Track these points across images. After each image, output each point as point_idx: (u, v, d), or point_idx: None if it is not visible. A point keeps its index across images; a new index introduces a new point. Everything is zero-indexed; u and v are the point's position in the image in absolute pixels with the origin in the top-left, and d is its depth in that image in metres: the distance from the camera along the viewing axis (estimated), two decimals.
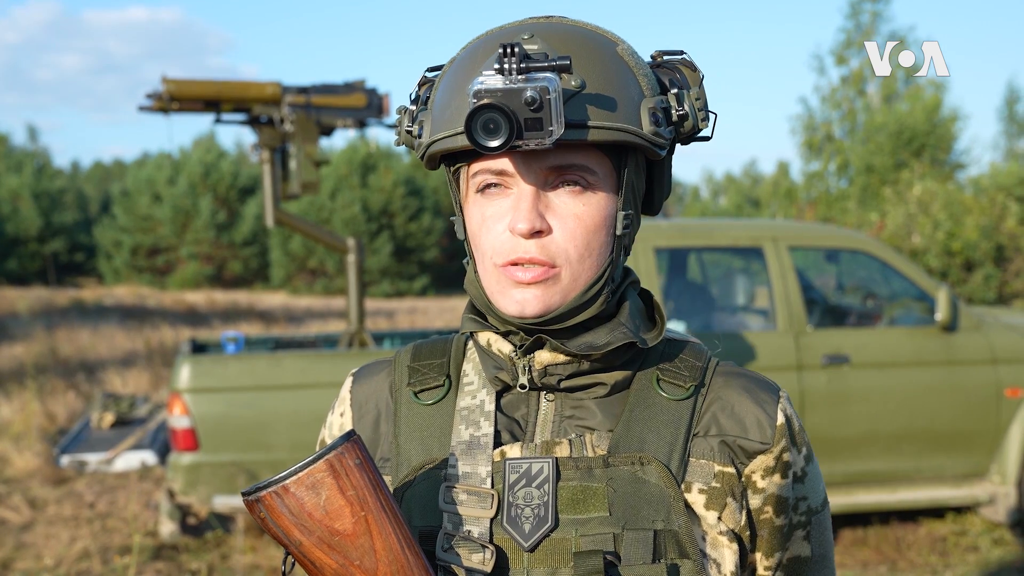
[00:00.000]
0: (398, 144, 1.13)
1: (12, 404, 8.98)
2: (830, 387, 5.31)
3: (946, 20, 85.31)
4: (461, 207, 1.08)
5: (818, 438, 5.20)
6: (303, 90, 6.01)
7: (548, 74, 0.92)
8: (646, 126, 1.00)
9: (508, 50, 0.92)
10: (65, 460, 7.21)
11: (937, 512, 5.86)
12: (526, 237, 1.00)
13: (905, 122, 22.15)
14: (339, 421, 1.19)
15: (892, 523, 5.76)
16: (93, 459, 7.20)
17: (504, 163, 1.00)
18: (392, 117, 6.30)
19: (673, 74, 1.07)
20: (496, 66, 0.92)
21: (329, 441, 1.18)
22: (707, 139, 1.09)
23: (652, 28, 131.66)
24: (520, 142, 0.93)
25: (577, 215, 1.01)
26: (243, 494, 0.92)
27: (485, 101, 0.91)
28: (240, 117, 6.14)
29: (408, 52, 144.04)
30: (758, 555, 1.11)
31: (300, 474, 0.90)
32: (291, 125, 5.90)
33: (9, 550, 5.46)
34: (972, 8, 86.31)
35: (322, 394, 4.86)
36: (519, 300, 1.02)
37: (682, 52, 1.10)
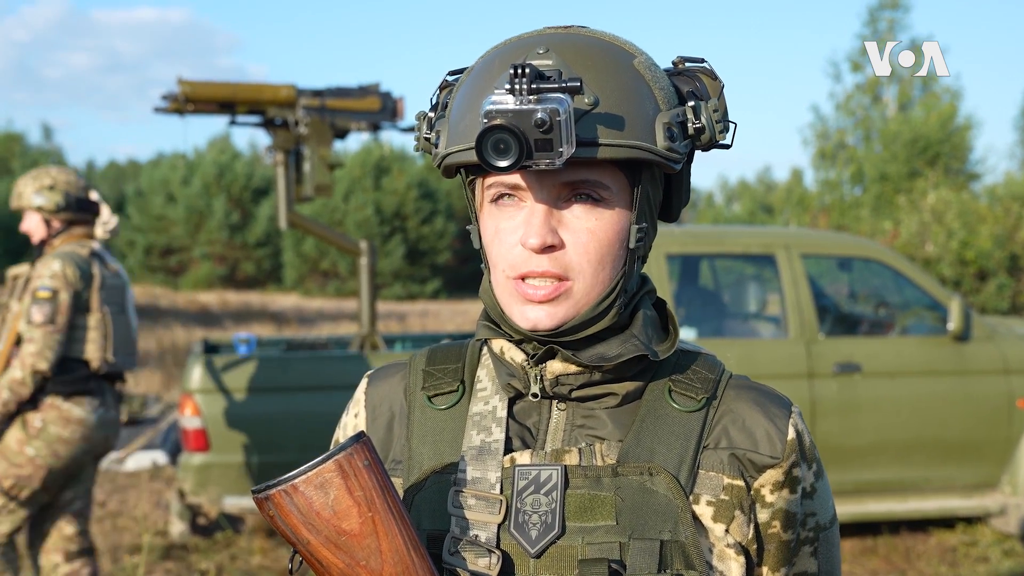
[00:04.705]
0: (417, 149, 1.12)
1: None
2: (841, 396, 5.29)
3: (964, 29, 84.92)
4: (477, 216, 1.09)
5: (829, 447, 5.19)
6: (317, 93, 6.03)
7: (559, 95, 0.92)
8: (660, 141, 0.99)
9: (519, 71, 0.91)
10: None
11: (947, 522, 5.84)
12: (538, 252, 1.00)
13: (920, 131, 22.09)
14: (353, 422, 1.20)
15: (902, 533, 5.74)
16: (104, 458, 7.22)
17: (517, 178, 1.00)
18: (407, 121, 6.32)
19: (693, 83, 1.06)
20: (507, 86, 0.92)
21: (342, 441, 1.19)
22: (727, 147, 1.08)
23: (667, 33, 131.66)
24: (530, 162, 0.93)
25: (590, 230, 1.01)
26: (253, 492, 0.93)
27: (496, 122, 0.91)
28: (255, 119, 6.17)
29: (421, 54, 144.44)
30: (765, 569, 1.10)
31: (309, 474, 0.91)
32: (305, 128, 5.93)
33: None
34: (990, 17, 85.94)
35: (333, 396, 4.86)
36: (532, 317, 1.02)
37: (703, 60, 1.09)
